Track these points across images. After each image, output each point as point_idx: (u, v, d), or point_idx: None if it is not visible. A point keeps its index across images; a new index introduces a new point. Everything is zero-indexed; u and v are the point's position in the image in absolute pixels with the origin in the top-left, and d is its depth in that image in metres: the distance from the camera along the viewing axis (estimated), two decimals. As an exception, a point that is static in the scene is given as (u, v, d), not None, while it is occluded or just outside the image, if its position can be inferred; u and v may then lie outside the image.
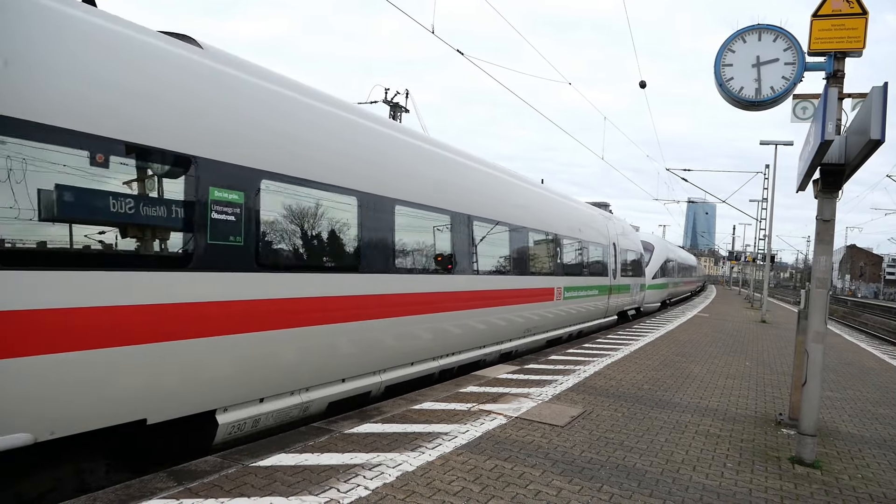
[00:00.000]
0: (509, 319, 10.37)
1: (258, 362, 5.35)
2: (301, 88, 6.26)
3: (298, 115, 6.05)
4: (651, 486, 4.88)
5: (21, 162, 3.73)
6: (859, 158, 5.18)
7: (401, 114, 23.82)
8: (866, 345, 18.20)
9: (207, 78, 5.06)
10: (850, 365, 13.00)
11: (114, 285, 4.18)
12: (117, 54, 4.32)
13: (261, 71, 5.82)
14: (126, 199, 4.29)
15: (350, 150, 6.68)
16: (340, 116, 6.73)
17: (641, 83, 15.71)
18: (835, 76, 5.67)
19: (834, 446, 6.51)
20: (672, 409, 7.54)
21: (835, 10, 5.60)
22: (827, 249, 5.95)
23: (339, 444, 5.34)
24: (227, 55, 5.49)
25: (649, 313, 24.78)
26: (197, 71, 4.98)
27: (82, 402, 4.07)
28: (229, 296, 5.02)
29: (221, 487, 4.25)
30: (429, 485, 4.56)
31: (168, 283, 4.55)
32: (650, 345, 13.74)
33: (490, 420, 6.42)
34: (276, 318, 5.48)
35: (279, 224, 5.63)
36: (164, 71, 4.69)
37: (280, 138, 5.70)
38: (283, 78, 6.11)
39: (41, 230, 3.88)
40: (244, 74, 5.52)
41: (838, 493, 5.10)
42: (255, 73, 5.70)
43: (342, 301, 6.34)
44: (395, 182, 7.34)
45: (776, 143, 24.16)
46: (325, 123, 6.44)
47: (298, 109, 6.06)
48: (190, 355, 4.72)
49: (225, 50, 5.56)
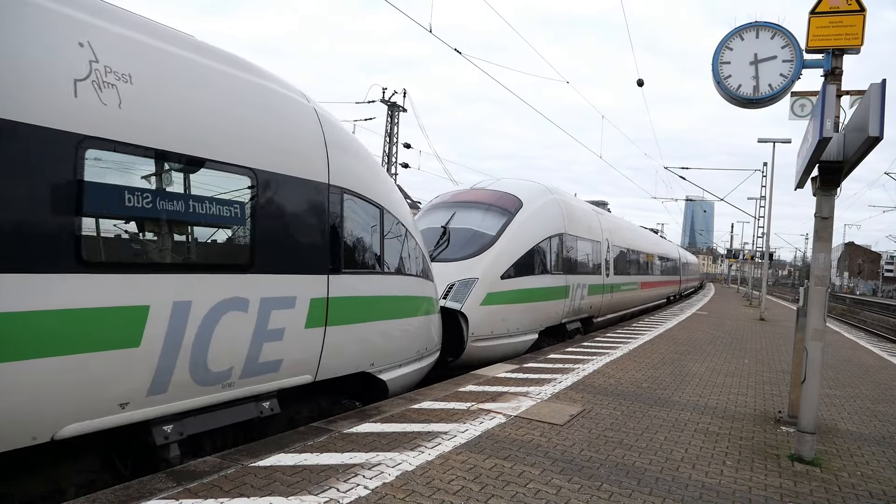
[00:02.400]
0: None
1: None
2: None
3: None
4: (651, 484, 4.88)
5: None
6: (857, 155, 5.18)
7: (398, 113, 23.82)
8: (865, 342, 18.22)
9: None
10: (849, 362, 13.01)
11: None
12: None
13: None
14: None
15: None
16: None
17: (639, 81, 15.72)
18: (833, 73, 5.66)
19: (833, 444, 6.51)
20: (671, 408, 7.54)
21: (832, 6, 5.60)
22: (825, 247, 5.94)
23: (339, 443, 5.33)
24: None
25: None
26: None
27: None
28: None
29: (221, 488, 4.24)
30: (428, 484, 4.55)
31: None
32: (649, 343, 13.74)
33: (489, 419, 6.42)
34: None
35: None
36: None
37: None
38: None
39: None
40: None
41: (838, 490, 5.10)
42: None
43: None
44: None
45: (774, 141, 24.15)
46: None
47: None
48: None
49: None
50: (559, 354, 11.11)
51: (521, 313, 11.57)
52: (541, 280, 12.25)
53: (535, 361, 10.17)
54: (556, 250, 13.03)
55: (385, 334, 7.18)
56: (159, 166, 4.61)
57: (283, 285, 5.58)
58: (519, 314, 11.47)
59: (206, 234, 5.08)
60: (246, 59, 5.69)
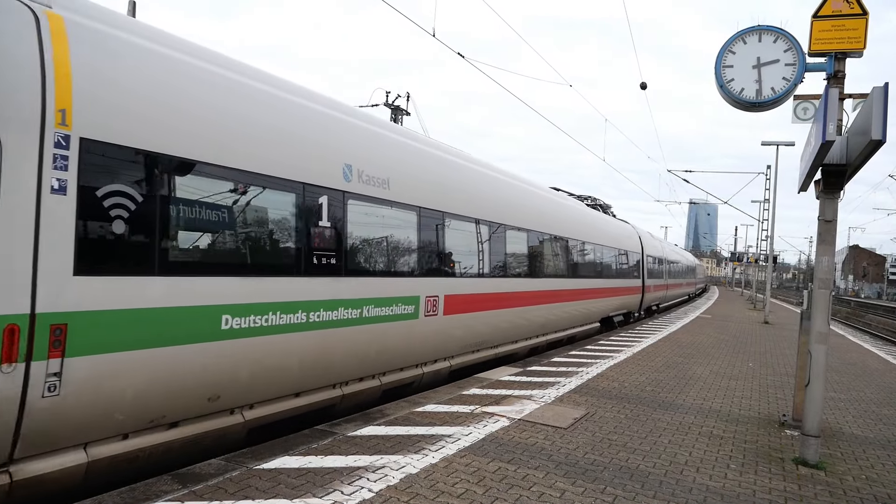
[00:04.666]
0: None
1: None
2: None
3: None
4: (654, 487, 4.88)
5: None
6: (861, 159, 5.19)
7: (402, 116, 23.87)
8: (870, 345, 18.16)
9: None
10: (853, 366, 12.97)
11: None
12: None
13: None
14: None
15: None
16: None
17: (642, 84, 15.73)
18: (835, 77, 5.68)
19: (838, 447, 6.50)
20: (675, 411, 7.54)
21: (835, 10, 5.62)
22: (829, 250, 5.95)
23: (343, 446, 5.35)
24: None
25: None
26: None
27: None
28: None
29: (225, 490, 4.26)
30: (432, 487, 4.56)
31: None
32: (652, 346, 13.73)
33: (493, 422, 6.43)
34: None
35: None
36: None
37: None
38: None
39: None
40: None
41: (842, 494, 5.09)
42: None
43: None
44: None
45: (777, 144, 24.15)
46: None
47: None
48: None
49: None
50: (563, 358, 11.11)
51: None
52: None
53: (539, 365, 10.17)
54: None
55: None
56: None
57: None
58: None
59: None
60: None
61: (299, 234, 5.93)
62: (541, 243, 12.28)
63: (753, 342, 16.22)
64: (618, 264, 18.87)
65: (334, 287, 6.33)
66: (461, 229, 9.01)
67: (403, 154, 7.98)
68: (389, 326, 7.24)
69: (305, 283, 5.95)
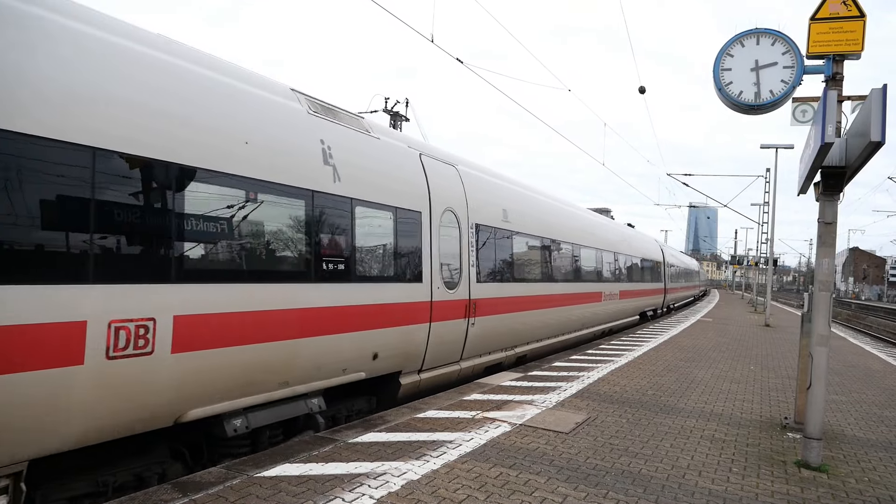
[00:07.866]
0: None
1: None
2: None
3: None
4: (657, 491, 4.86)
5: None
6: (860, 161, 5.19)
7: (401, 122, 23.88)
8: (871, 347, 18.13)
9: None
10: (854, 368, 12.94)
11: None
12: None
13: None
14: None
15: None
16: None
17: (641, 88, 15.74)
18: (834, 79, 5.68)
19: (840, 449, 6.48)
20: (677, 415, 7.51)
21: (833, 12, 5.62)
22: (829, 252, 5.94)
23: (344, 453, 5.33)
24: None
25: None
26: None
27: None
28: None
29: (226, 498, 4.24)
30: (434, 493, 4.54)
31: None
32: (654, 350, 13.70)
33: (494, 427, 6.41)
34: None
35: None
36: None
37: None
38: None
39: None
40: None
41: (845, 496, 5.07)
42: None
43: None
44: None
45: (777, 147, 24.17)
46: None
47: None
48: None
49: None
50: (564, 362, 11.08)
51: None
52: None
53: (540, 370, 10.15)
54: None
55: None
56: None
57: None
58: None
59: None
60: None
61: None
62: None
63: (754, 345, 16.20)
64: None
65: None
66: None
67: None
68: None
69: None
